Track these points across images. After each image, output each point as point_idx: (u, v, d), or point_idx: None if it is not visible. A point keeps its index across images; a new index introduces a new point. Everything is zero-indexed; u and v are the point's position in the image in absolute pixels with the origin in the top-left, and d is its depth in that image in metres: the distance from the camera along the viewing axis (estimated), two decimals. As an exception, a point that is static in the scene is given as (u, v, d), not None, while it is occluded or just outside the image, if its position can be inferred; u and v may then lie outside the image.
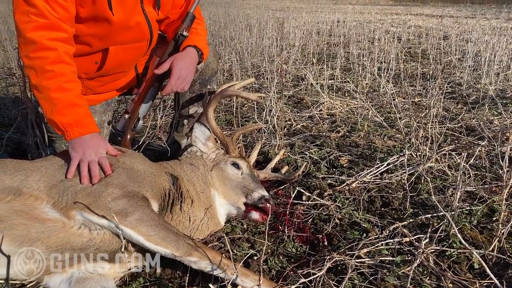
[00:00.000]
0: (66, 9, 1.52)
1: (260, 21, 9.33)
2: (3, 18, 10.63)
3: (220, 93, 1.93)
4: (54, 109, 1.48)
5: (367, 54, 5.20)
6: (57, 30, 1.50)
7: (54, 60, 1.47)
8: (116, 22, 1.65)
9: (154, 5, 1.78)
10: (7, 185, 1.39)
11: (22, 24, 1.47)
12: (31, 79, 1.50)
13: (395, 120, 2.87)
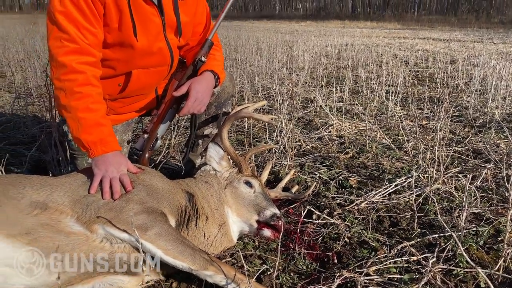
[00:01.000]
0: (95, 35, 1.64)
1: (269, 44, 9.52)
2: (21, 39, 10.96)
3: (234, 114, 2.02)
4: (80, 128, 1.58)
5: (375, 77, 5.30)
6: (86, 55, 1.61)
7: (82, 83, 1.58)
8: (140, 48, 1.77)
9: (176, 33, 1.90)
10: (34, 199, 1.47)
11: (55, 49, 1.59)
12: (60, 100, 1.60)
13: (403, 143, 2.94)
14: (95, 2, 1.61)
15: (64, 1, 1.57)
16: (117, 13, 1.68)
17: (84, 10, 1.60)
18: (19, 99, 4.60)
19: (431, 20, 29.97)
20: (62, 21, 1.58)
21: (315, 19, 38.52)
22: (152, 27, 1.78)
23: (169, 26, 1.85)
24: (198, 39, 2.04)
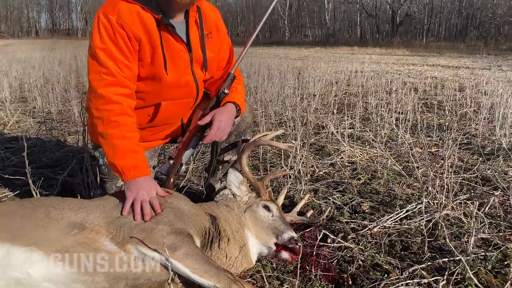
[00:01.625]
0: (131, 69, 1.81)
1: (280, 70, 9.76)
2: (39, 65, 11.34)
3: (253, 142, 2.15)
4: (115, 154, 1.73)
5: (384, 104, 5.44)
6: (122, 87, 1.78)
7: (119, 113, 1.74)
8: (169, 81, 1.93)
9: (202, 67, 2.06)
10: (73, 220, 1.60)
11: (95, 81, 1.76)
12: (98, 127, 1.75)
13: (413, 169, 3.04)
14: (131, 39, 1.79)
15: (104, 39, 1.75)
16: (150, 50, 1.85)
17: (122, 47, 1.77)
18: (43, 124, 4.82)
19: (440, 46, 30.28)
20: (102, 57, 1.75)
21: (324, 45, 39.08)
22: (180, 63, 1.95)
23: (196, 61, 2.02)
24: (221, 73, 2.20)
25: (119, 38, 1.76)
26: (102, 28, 1.75)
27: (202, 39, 2.02)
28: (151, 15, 1.81)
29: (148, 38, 1.82)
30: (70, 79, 8.35)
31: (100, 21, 1.76)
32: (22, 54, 17.45)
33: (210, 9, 2.09)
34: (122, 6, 1.77)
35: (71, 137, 4.21)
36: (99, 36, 1.76)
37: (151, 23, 1.81)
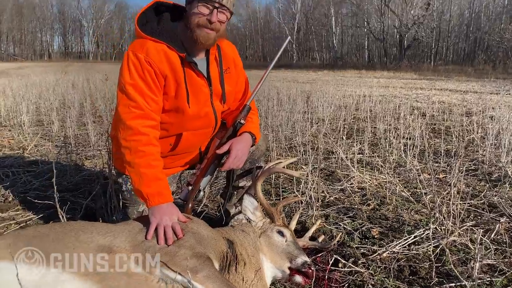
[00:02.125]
0: (156, 102, 1.96)
1: (289, 94, 9.94)
2: (53, 88, 11.66)
3: (268, 170, 2.28)
4: (141, 182, 1.86)
5: (393, 130, 5.55)
6: (149, 119, 1.93)
7: (145, 143, 1.88)
8: (191, 113, 2.08)
9: (220, 100, 2.21)
10: (101, 243, 1.72)
11: (124, 114, 1.90)
12: (125, 156, 1.89)
13: (421, 195, 3.13)
14: (158, 75, 1.95)
15: (133, 75, 1.91)
16: (175, 85, 2.01)
17: (149, 83, 1.93)
18: (61, 148, 4.99)
19: (448, 70, 30.49)
20: (131, 91, 1.91)
21: (332, 68, 39.53)
22: (201, 96, 2.10)
23: (215, 94, 2.17)
24: (237, 104, 2.35)
25: (147, 74, 1.92)
26: (131, 65, 1.92)
27: (221, 74, 2.17)
28: (176, 53, 1.97)
29: (173, 74, 1.98)
30: (85, 102, 8.58)
31: (129, 58, 1.93)
32: (36, 77, 17.92)
33: (228, 46, 2.25)
34: (150, 45, 1.93)
35: (88, 161, 4.37)
36: (128, 72, 1.92)
37: (176, 60, 1.97)
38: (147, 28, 1.97)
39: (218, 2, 1.90)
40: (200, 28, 1.93)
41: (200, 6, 1.91)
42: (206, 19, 1.92)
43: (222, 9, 1.94)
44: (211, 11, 1.92)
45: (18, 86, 12.13)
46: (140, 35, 1.97)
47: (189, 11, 1.96)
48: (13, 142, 5.27)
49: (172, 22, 2.04)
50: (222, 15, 1.95)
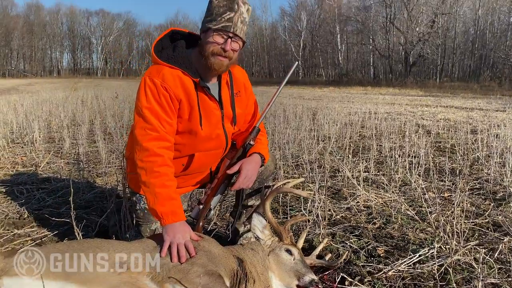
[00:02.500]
0: (171, 125, 2.07)
1: (295, 112, 10.06)
2: (63, 105, 11.87)
3: (276, 189, 2.36)
4: (156, 201, 1.95)
5: (398, 148, 5.62)
6: (164, 141, 2.03)
7: (160, 164, 1.98)
8: (203, 135, 2.18)
9: (231, 122, 2.31)
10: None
11: (140, 136, 2.01)
12: (141, 177, 1.99)
13: (426, 214, 3.18)
14: (173, 99, 2.06)
15: (150, 99, 2.02)
16: (188, 108, 2.11)
17: (164, 106, 2.04)
18: (72, 165, 5.10)
19: (453, 86, 30.54)
20: (147, 114, 2.01)
21: (337, 85, 39.74)
22: (213, 118, 2.20)
23: (227, 116, 2.27)
24: (247, 126, 2.45)
25: (162, 99, 2.03)
26: (148, 90, 2.03)
27: (232, 97, 2.28)
28: (190, 79, 2.08)
29: (187, 98, 2.09)
30: (94, 119, 8.74)
31: (146, 83, 2.04)
32: (46, 94, 18.22)
33: (239, 71, 2.36)
34: (166, 71, 2.05)
35: (99, 179, 4.47)
36: (145, 97, 2.03)
37: (190, 85, 2.08)
38: (163, 54, 2.09)
39: (232, 32, 2.02)
40: (214, 56, 2.04)
41: (215, 36, 2.02)
42: (220, 47, 2.03)
43: (236, 39, 2.05)
44: (225, 40, 2.03)
45: (29, 103, 12.37)
46: (156, 61, 2.09)
47: (203, 39, 2.08)
48: (25, 159, 5.39)
49: (186, 49, 2.16)
50: (235, 44, 2.07)
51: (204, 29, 2.06)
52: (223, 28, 2.01)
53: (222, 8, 2.00)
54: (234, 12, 2.00)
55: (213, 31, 2.02)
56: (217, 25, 2.01)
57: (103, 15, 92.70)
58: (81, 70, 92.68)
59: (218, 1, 2.02)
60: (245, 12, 2.06)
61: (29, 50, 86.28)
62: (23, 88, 27.23)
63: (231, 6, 2.01)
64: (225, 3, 2.01)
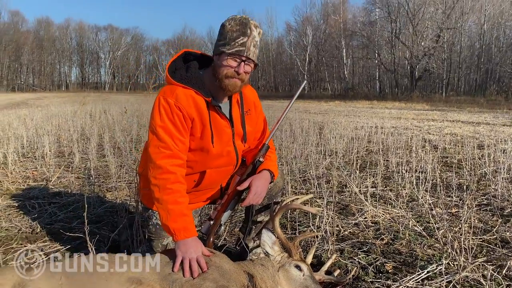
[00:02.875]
0: (184, 143, 2.14)
1: (302, 126, 10.12)
2: (72, 119, 12.02)
3: (285, 206, 2.40)
4: (169, 217, 2.00)
5: (405, 163, 5.64)
6: (176, 158, 2.10)
7: (173, 181, 2.04)
8: (214, 153, 2.25)
9: (241, 139, 2.38)
10: (131, 276, 1.85)
11: (154, 154, 2.08)
12: (155, 193, 2.05)
13: (434, 230, 3.20)
14: (186, 118, 2.12)
15: (164, 118, 2.09)
16: (200, 126, 2.18)
17: (178, 125, 2.11)
18: (83, 179, 5.18)
19: (460, 101, 30.52)
20: (161, 133, 2.08)
21: (343, 99, 39.84)
22: (224, 136, 2.27)
23: (237, 134, 2.33)
24: (256, 143, 2.51)
25: (176, 118, 2.09)
26: (162, 109, 2.10)
27: (242, 116, 2.34)
28: (203, 98, 2.15)
29: (199, 117, 2.16)
30: (103, 134, 8.85)
31: (160, 103, 2.11)
32: (55, 108, 18.47)
33: (249, 90, 2.43)
34: (179, 91, 2.12)
35: (109, 193, 4.53)
36: (159, 116, 2.10)
37: (202, 104, 2.15)
38: (176, 75, 2.17)
39: (245, 56, 2.09)
40: (228, 78, 2.12)
41: (229, 60, 2.09)
42: (234, 70, 2.11)
43: (248, 62, 2.12)
44: (238, 63, 2.10)
45: (39, 117, 12.55)
46: (170, 82, 2.17)
47: (217, 61, 2.15)
48: (36, 174, 5.48)
49: (199, 70, 2.24)
50: (248, 67, 2.14)
51: (218, 53, 2.13)
52: (236, 53, 2.08)
53: (235, 33, 2.08)
54: (247, 37, 2.08)
55: (227, 55, 2.09)
56: (231, 50, 2.08)
57: (111, 30, 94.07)
58: (89, 84, 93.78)
59: (231, 26, 2.09)
60: (257, 35, 2.13)
61: (39, 64, 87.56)
62: (32, 102, 27.59)
63: (244, 31, 2.08)
64: (238, 28, 2.08)
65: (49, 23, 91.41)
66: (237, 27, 2.09)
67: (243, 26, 2.09)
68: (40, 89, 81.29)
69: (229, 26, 2.10)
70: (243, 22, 2.10)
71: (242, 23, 2.10)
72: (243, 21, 2.11)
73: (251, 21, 2.13)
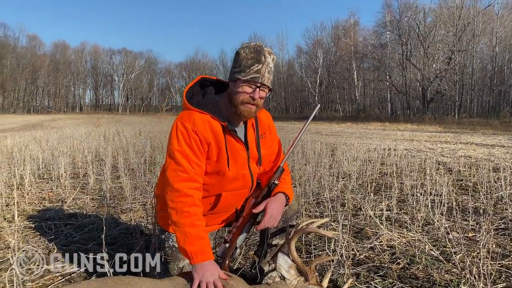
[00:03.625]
0: (200, 166, 2.17)
1: (314, 148, 10.12)
2: (86, 141, 12.19)
3: (301, 229, 2.40)
4: (186, 240, 2.02)
5: (419, 185, 5.59)
6: (193, 182, 2.13)
7: (190, 204, 2.07)
8: (230, 176, 2.27)
9: (256, 162, 2.41)
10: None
11: (171, 177, 2.11)
12: (172, 217, 2.07)
13: (450, 255, 3.16)
14: (203, 142, 2.17)
15: (181, 142, 2.14)
16: (216, 150, 2.22)
17: (195, 149, 2.15)
18: (97, 200, 5.23)
19: (473, 122, 30.26)
20: (178, 157, 2.12)
21: (355, 120, 39.83)
22: (240, 159, 2.30)
23: (252, 157, 2.36)
24: (271, 165, 2.54)
25: (193, 142, 2.14)
26: (179, 134, 2.15)
27: (257, 139, 2.38)
28: (219, 123, 2.20)
29: (215, 141, 2.20)
30: (117, 155, 8.96)
31: (178, 127, 2.16)
32: (69, 129, 18.79)
33: (264, 114, 2.47)
34: (196, 116, 2.17)
35: (124, 215, 4.56)
36: (177, 140, 2.15)
37: (218, 129, 2.20)
38: (193, 101, 2.22)
39: (260, 82, 2.15)
40: (244, 104, 2.17)
41: (244, 86, 2.15)
42: (249, 96, 2.16)
43: (263, 87, 2.17)
44: (253, 90, 2.16)
45: (54, 139, 12.76)
46: (187, 107, 2.22)
47: (232, 88, 2.20)
48: (52, 195, 5.55)
49: (215, 95, 2.29)
50: (262, 93, 2.19)
51: (233, 79, 2.19)
52: (252, 79, 2.13)
53: (250, 60, 2.14)
54: (261, 64, 2.14)
55: (242, 81, 2.15)
56: (246, 77, 2.14)
57: (125, 54, 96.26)
58: (103, 106, 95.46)
59: (246, 54, 2.15)
60: (271, 62, 2.19)
61: (54, 87, 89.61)
62: (47, 124, 28.12)
63: (259, 58, 2.14)
64: (253, 55, 2.14)
65: (65, 46, 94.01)
66: (252, 54, 2.15)
67: (257, 53, 2.15)
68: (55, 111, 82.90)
69: (244, 53, 2.16)
70: (257, 49, 2.16)
71: (257, 50, 2.16)
72: (257, 48, 2.17)
73: (265, 48, 2.19)
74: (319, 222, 2.45)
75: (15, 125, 29.52)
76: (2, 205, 4.84)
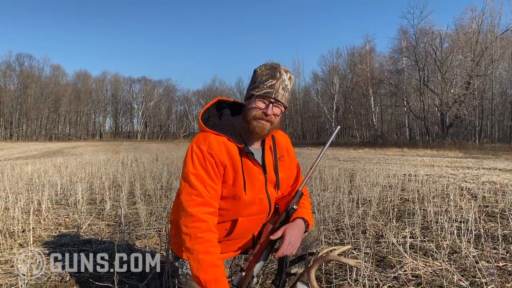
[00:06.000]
0: (216, 190, 2.09)
1: (332, 174, 9.96)
2: (104, 167, 12.28)
3: (321, 257, 2.27)
4: (199, 268, 1.92)
5: (443, 212, 5.37)
6: (208, 206, 2.04)
7: (205, 229, 1.98)
8: (247, 200, 2.18)
9: (274, 186, 2.31)
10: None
11: (186, 202, 2.03)
12: (185, 243, 1.98)
13: (481, 285, 2.96)
14: (218, 165, 2.09)
15: (196, 165, 2.07)
16: (233, 173, 2.14)
17: (210, 172, 2.07)
18: (113, 227, 5.17)
19: (495, 148, 29.63)
20: (193, 180, 2.05)
21: (372, 146, 39.47)
22: (257, 183, 2.21)
23: (270, 181, 2.27)
24: (289, 190, 2.44)
25: (208, 165, 2.07)
26: (195, 156, 2.08)
27: (275, 162, 2.30)
28: (235, 145, 2.13)
29: (231, 164, 2.12)
30: (134, 181, 8.96)
31: (193, 150, 2.10)
32: (89, 156, 19.03)
33: (282, 136, 2.40)
34: (212, 138, 2.11)
35: (139, 241, 4.48)
36: (192, 163, 2.08)
37: (234, 151, 2.13)
38: (209, 123, 2.17)
39: (273, 98, 2.10)
40: (256, 120, 2.12)
41: (257, 101, 2.12)
42: (262, 112, 2.11)
43: (277, 104, 2.12)
44: (267, 105, 2.11)
45: (73, 165, 12.90)
46: (203, 129, 2.16)
47: (247, 105, 2.17)
48: (68, 221, 5.52)
49: (231, 117, 2.24)
50: (276, 109, 2.14)
51: (248, 96, 2.17)
52: (265, 94, 2.10)
53: (264, 76, 2.12)
54: (276, 80, 2.10)
55: (255, 97, 2.12)
56: (260, 92, 2.11)
57: (144, 82, 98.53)
58: (122, 133, 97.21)
59: (262, 71, 2.14)
60: (287, 79, 2.14)
61: (75, 115, 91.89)
62: (67, 151, 28.63)
63: (273, 74, 2.11)
64: (268, 71, 2.13)
65: (87, 75, 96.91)
66: (267, 71, 2.13)
67: (272, 70, 2.13)
68: (76, 138, 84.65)
69: (260, 71, 2.15)
70: (273, 66, 2.15)
71: (272, 67, 2.15)
72: (273, 65, 2.16)
73: (281, 66, 2.16)
74: (340, 249, 2.33)
75: (37, 152, 30.09)
76: (18, 231, 4.82)
